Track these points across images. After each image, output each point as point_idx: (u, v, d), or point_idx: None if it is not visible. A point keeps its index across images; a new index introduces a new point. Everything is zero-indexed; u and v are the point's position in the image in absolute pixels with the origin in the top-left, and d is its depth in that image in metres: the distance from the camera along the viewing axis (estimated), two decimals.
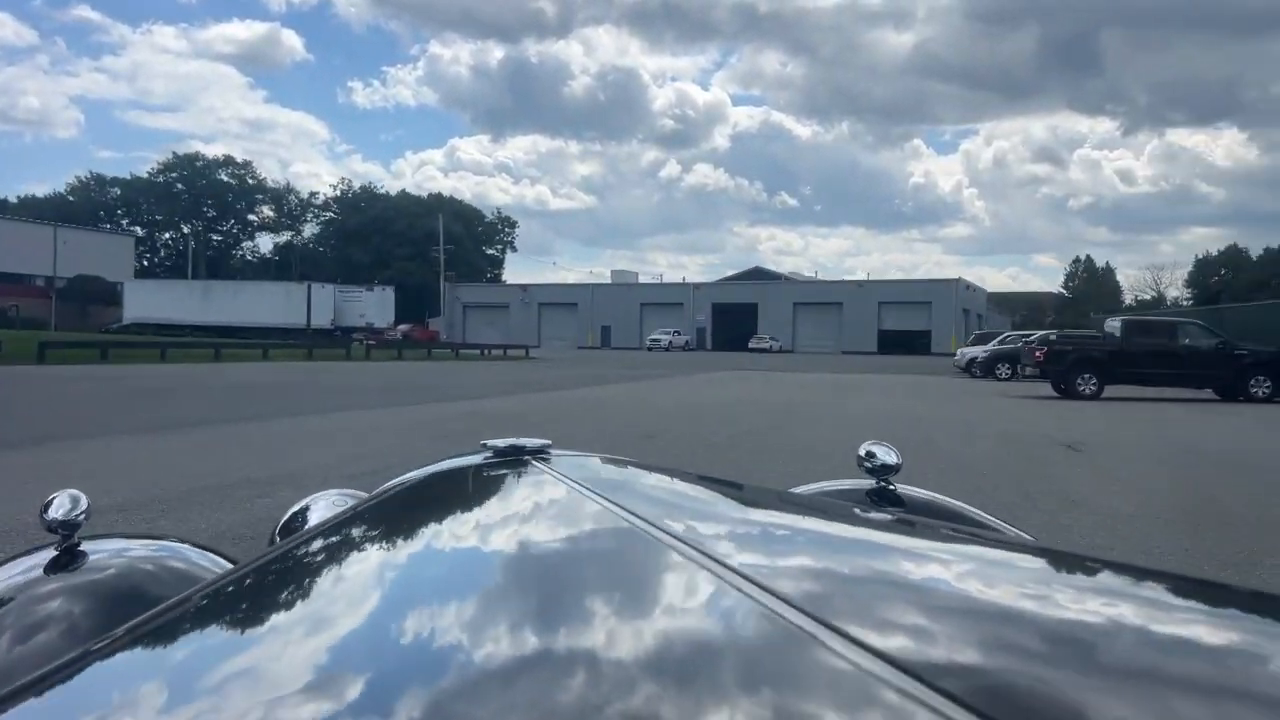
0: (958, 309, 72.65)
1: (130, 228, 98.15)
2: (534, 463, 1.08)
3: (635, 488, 1.07)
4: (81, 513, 1.29)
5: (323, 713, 0.50)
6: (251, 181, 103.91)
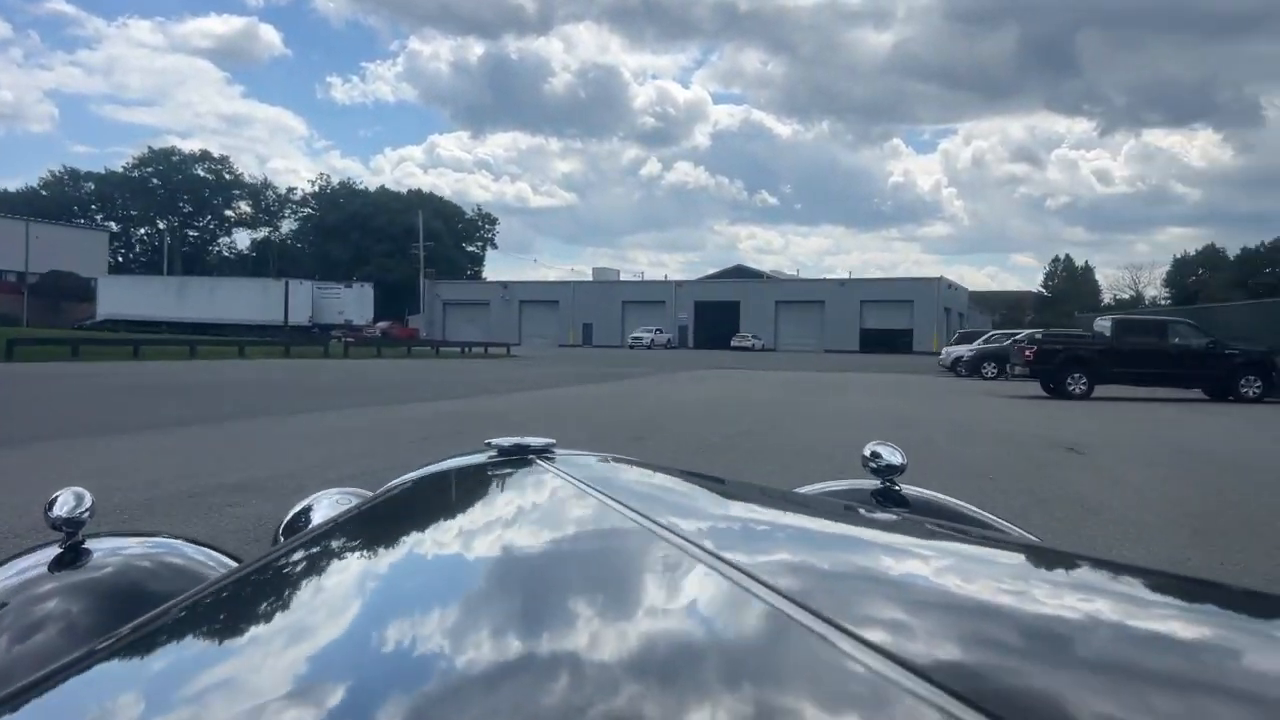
0: (939, 308, 72.66)
1: (105, 223, 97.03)
2: (539, 462, 1.08)
3: (641, 487, 1.06)
4: (85, 510, 1.30)
5: (336, 711, 0.50)
6: (228, 177, 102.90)
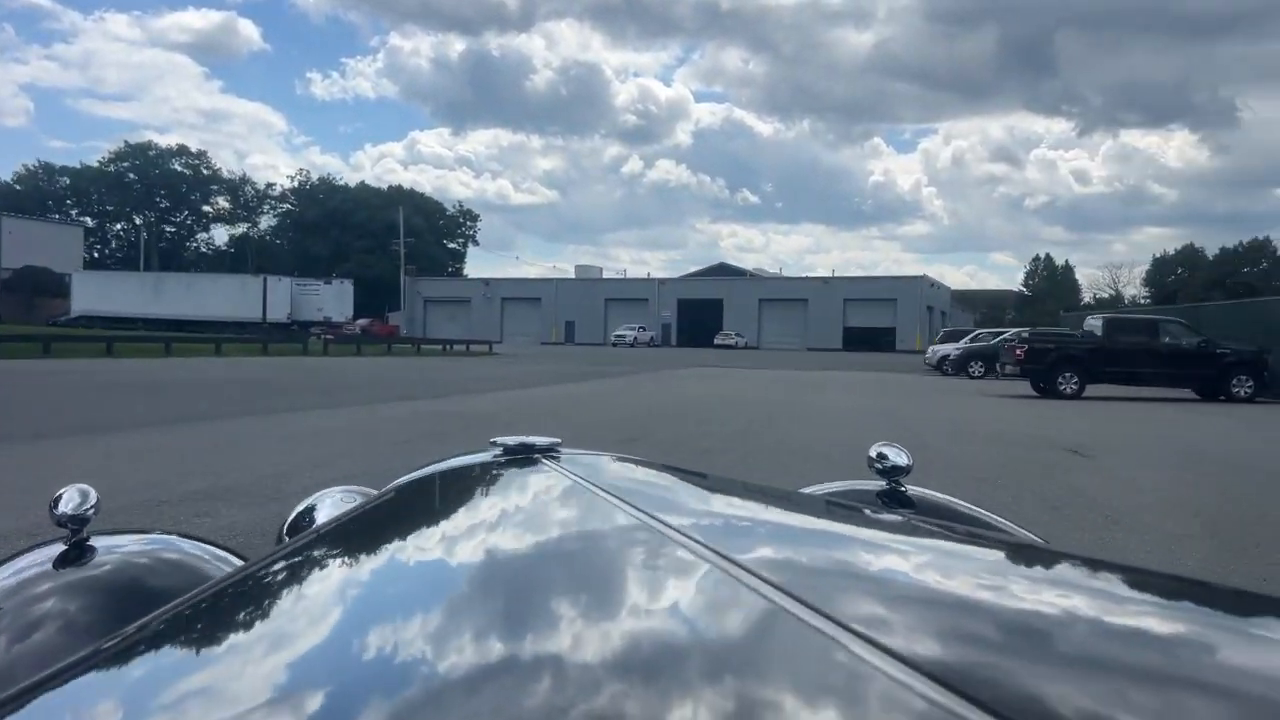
0: (922, 306, 72.64)
1: (80, 218, 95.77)
2: (544, 461, 1.08)
3: (646, 486, 1.06)
4: (91, 507, 1.29)
5: (351, 709, 0.50)
6: (206, 172, 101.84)
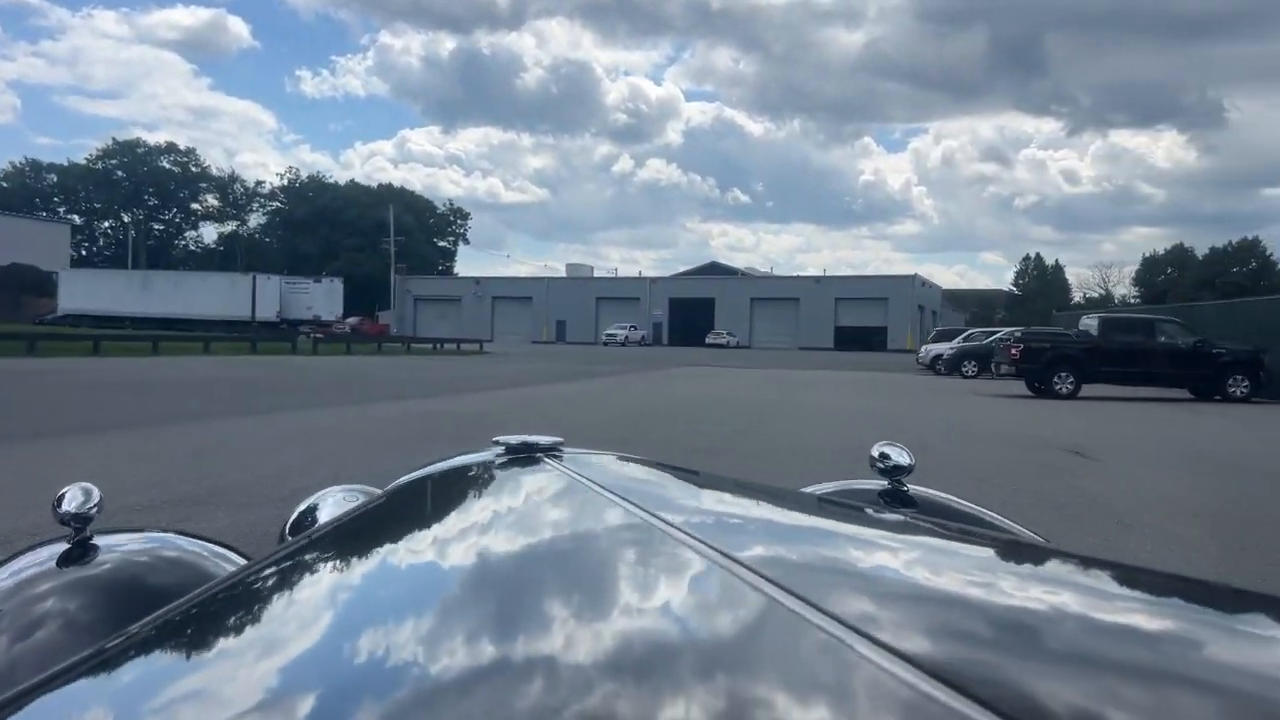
0: (913, 306, 72.57)
1: (67, 216, 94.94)
2: (547, 460, 1.08)
3: (649, 485, 1.07)
4: (94, 506, 1.29)
5: (358, 706, 0.50)
6: (195, 169, 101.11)
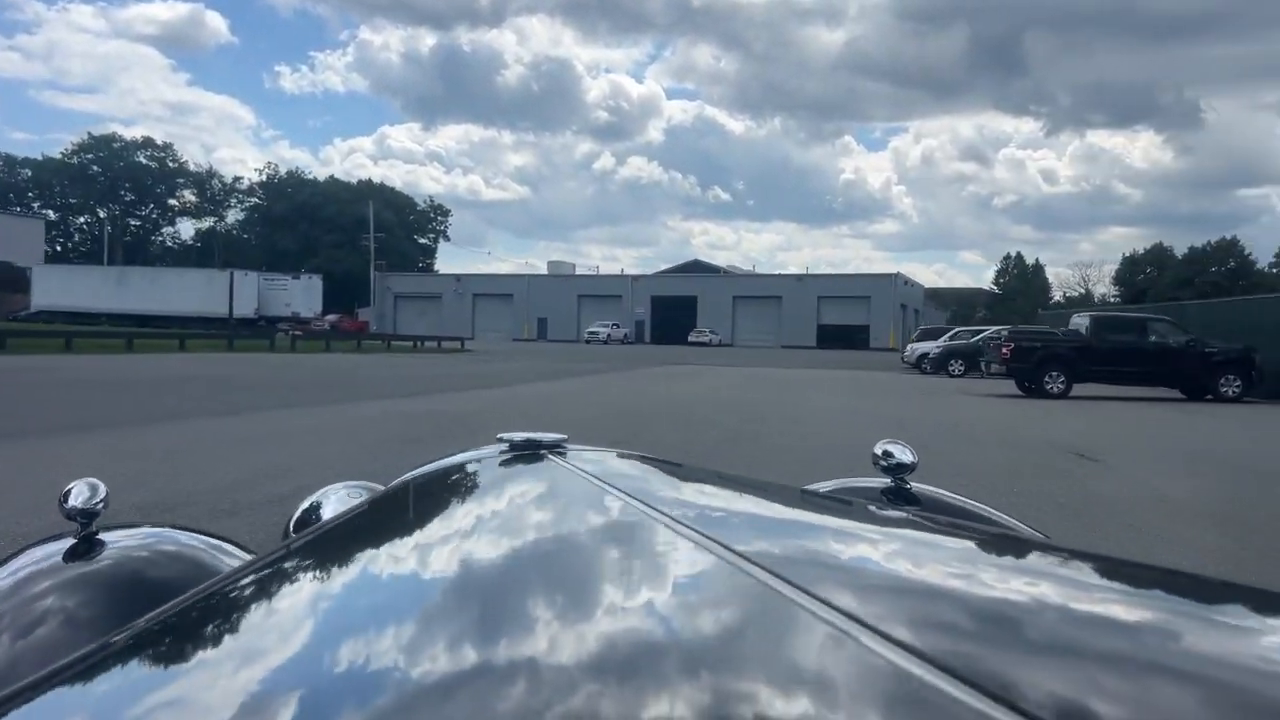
0: (896, 304, 72.51)
1: (42, 211, 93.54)
2: (550, 457, 1.08)
3: (653, 482, 1.07)
4: (100, 501, 1.30)
5: (360, 700, 0.49)
6: (172, 165, 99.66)
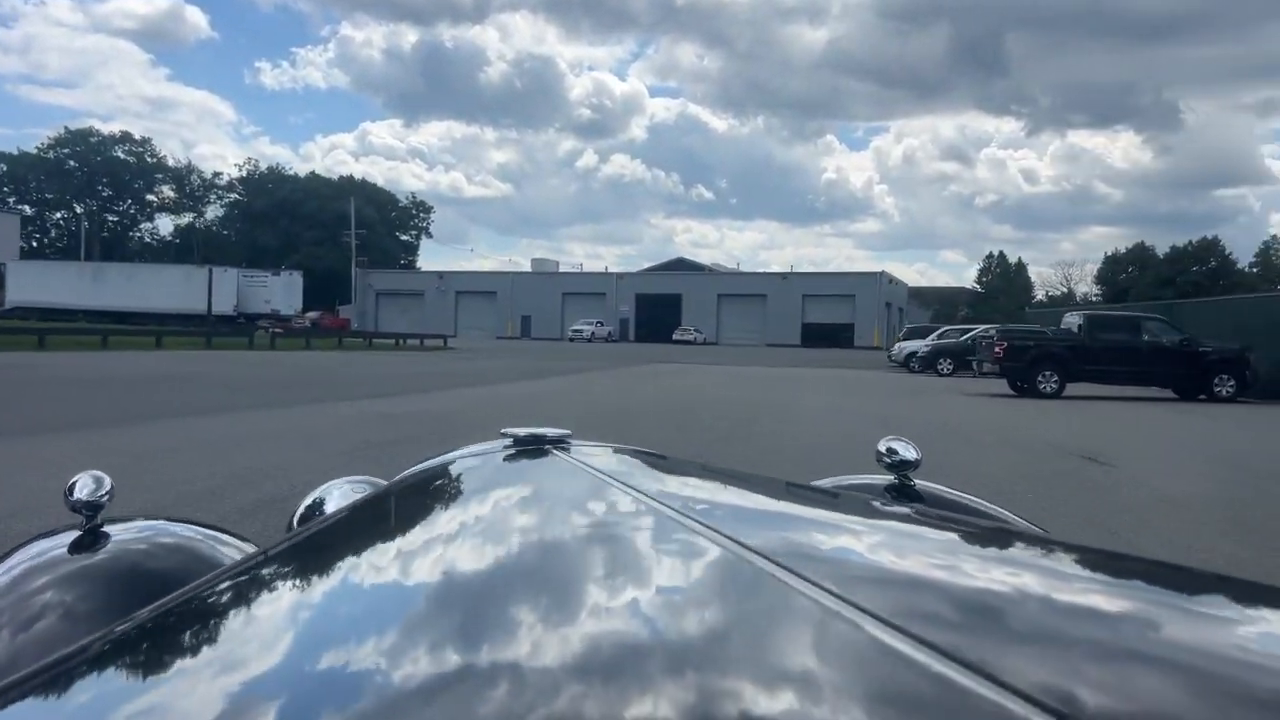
0: (880, 303, 72.39)
1: (17, 206, 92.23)
2: (555, 452, 1.09)
3: (657, 477, 1.07)
4: (105, 494, 1.31)
5: (366, 694, 0.49)
6: (151, 160, 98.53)
